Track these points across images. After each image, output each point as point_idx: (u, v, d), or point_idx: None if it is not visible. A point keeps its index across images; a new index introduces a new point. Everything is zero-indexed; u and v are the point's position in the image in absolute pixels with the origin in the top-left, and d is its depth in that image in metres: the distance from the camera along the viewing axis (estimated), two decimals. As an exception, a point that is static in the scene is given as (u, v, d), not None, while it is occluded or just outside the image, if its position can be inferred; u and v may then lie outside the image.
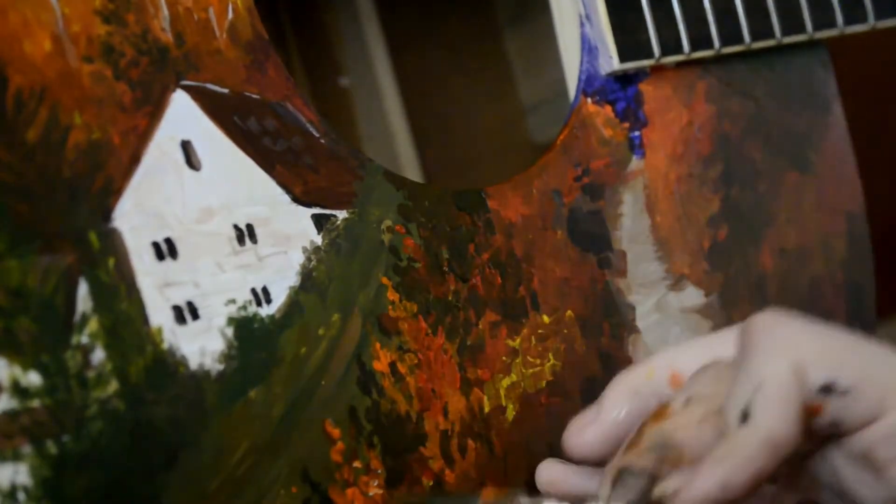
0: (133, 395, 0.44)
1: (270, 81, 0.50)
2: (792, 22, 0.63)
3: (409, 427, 0.51)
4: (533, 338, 0.55)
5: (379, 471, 0.50)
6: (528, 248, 0.56)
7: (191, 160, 0.47)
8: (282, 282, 0.48)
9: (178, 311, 0.45)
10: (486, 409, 0.53)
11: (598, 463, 0.46)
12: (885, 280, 0.70)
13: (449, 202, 0.54)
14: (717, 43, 0.61)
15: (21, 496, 0.41)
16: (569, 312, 0.57)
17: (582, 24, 0.60)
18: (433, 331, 0.52)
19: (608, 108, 0.60)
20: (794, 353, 0.42)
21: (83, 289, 0.43)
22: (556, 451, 0.55)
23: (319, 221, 0.50)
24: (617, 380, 0.47)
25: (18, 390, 0.42)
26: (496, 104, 0.80)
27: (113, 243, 0.44)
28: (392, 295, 0.51)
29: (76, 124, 0.44)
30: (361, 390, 0.50)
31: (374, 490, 0.49)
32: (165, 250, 0.46)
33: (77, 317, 0.43)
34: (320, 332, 0.49)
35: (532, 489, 0.54)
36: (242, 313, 0.47)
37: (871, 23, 0.65)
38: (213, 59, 0.48)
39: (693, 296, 0.61)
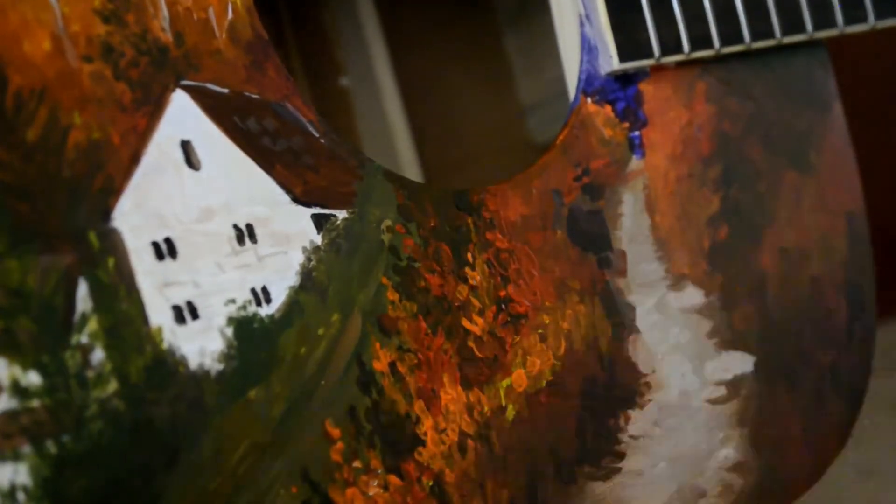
0: (133, 394, 0.44)
1: (270, 81, 0.50)
2: (792, 22, 0.63)
3: (409, 427, 0.51)
4: (533, 337, 0.55)
5: (379, 471, 0.50)
6: (528, 247, 0.56)
7: (190, 160, 0.47)
8: (282, 282, 0.48)
9: (177, 310, 0.45)
10: (486, 409, 0.53)
11: None
12: (885, 280, 0.70)
13: (449, 202, 0.54)
14: (717, 43, 0.61)
15: (21, 496, 0.41)
16: (569, 312, 0.57)
17: (582, 24, 0.60)
18: (433, 331, 0.52)
19: (608, 108, 0.60)
20: None
21: (83, 289, 0.43)
22: (556, 451, 0.55)
23: (319, 221, 0.50)
24: None
25: (18, 390, 0.42)
26: (496, 104, 0.80)
27: (113, 243, 0.44)
28: (392, 295, 0.51)
29: (76, 124, 0.44)
30: (361, 390, 0.50)
31: (374, 490, 0.49)
32: (165, 250, 0.46)
33: (77, 317, 0.43)
34: (320, 331, 0.49)
35: (532, 490, 0.54)
36: (242, 313, 0.47)
37: (871, 23, 0.65)
38: (212, 59, 0.48)
39: (693, 296, 0.61)
